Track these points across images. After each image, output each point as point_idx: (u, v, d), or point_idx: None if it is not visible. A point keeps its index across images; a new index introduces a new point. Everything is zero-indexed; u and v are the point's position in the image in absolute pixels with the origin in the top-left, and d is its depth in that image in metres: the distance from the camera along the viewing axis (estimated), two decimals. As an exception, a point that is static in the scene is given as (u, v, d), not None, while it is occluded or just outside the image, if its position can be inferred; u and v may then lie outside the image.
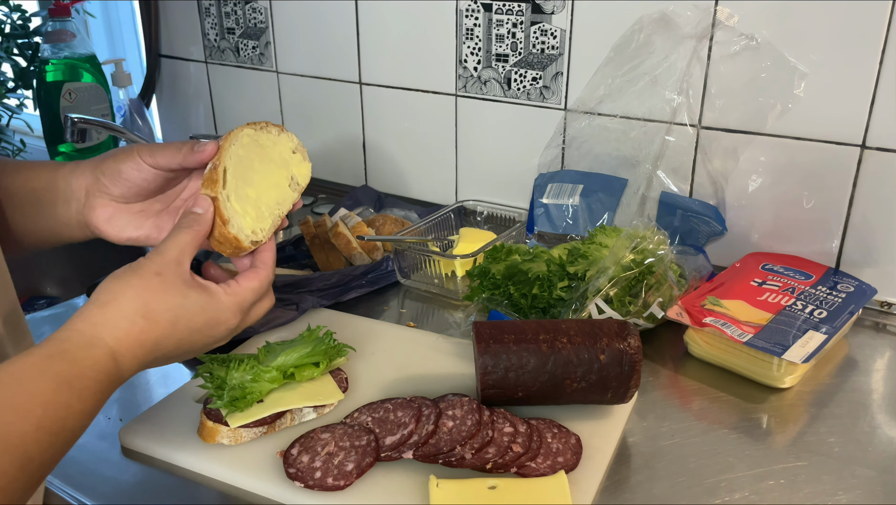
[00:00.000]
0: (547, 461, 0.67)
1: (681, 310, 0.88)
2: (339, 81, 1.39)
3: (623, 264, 0.87)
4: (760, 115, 1.01)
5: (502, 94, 1.22)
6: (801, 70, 0.97)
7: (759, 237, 1.06)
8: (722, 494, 0.68)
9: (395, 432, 0.69)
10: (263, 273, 0.67)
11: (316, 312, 0.97)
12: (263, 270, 0.68)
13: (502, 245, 0.97)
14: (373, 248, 1.11)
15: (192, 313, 0.61)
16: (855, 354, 0.91)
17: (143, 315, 0.59)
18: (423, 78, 1.29)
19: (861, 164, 0.97)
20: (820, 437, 0.76)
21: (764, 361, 0.83)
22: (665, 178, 1.08)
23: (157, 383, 0.87)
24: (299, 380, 0.75)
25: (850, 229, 1.00)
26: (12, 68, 1.60)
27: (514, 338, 0.73)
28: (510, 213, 1.23)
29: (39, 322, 1.00)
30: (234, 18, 1.47)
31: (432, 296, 1.06)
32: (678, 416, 0.79)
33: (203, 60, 1.57)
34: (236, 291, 0.65)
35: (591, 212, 1.09)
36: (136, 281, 0.60)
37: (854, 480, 0.70)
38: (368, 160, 1.42)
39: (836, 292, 0.92)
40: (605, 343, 0.72)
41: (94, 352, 0.56)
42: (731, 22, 1.00)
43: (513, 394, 0.73)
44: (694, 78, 1.04)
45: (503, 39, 1.18)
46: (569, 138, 1.16)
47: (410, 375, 0.83)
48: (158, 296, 0.60)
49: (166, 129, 1.72)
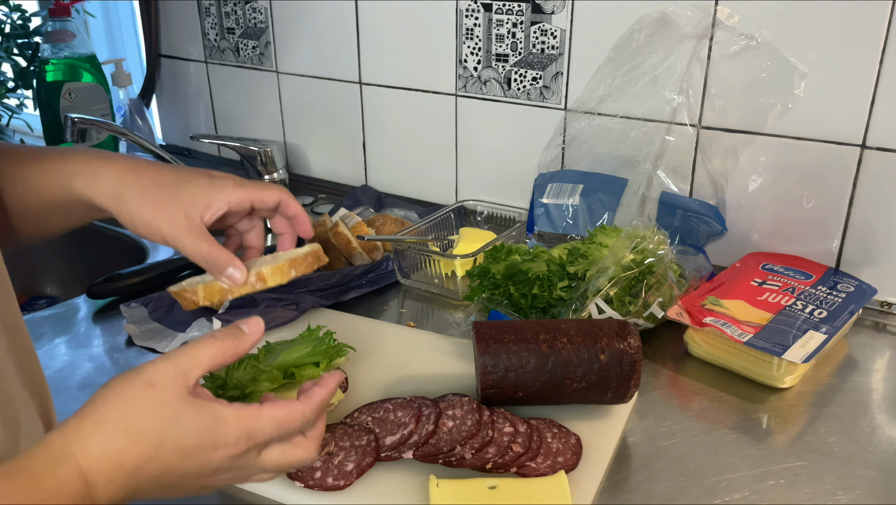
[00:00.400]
0: (547, 461, 0.67)
1: (681, 310, 0.88)
2: (339, 81, 1.39)
3: (623, 264, 0.87)
4: (760, 115, 1.01)
5: (502, 94, 1.22)
6: (801, 70, 0.97)
7: (759, 237, 1.06)
8: (722, 494, 0.68)
9: (395, 432, 0.69)
10: (299, 408, 0.54)
11: (316, 311, 0.97)
12: (301, 404, 0.55)
13: (502, 245, 0.97)
14: (373, 248, 1.11)
15: (184, 434, 0.50)
16: (855, 354, 0.91)
17: (124, 431, 0.48)
18: (423, 78, 1.29)
19: (861, 164, 0.97)
20: (820, 437, 0.76)
21: (764, 360, 0.83)
22: (665, 178, 1.08)
23: (157, 383, 0.87)
24: (299, 380, 0.75)
25: (850, 229, 1.00)
26: (12, 68, 1.60)
27: (514, 338, 0.73)
28: (510, 213, 1.23)
29: (39, 322, 1.00)
30: (234, 18, 1.47)
31: (432, 296, 1.06)
32: (678, 416, 0.79)
33: (203, 60, 1.57)
34: (250, 416, 0.52)
35: (591, 212, 1.09)
36: (123, 390, 0.50)
37: (854, 480, 0.70)
38: (368, 160, 1.42)
39: (836, 292, 0.92)
40: (605, 343, 0.72)
41: (61, 471, 0.46)
42: (731, 22, 1.00)
43: (513, 394, 0.73)
44: (694, 78, 1.04)
45: (503, 39, 1.18)
46: (569, 138, 1.16)
47: (410, 375, 0.83)
48: (145, 411, 0.49)
49: (166, 130, 1.73)
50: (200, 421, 0.50)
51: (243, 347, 0.55)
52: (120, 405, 0.49)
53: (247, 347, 0.55)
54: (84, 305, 1.04)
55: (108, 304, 1.04)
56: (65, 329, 0.98)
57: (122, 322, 0.96)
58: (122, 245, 1.27)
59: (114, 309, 1.02)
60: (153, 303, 0.99)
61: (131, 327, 0.95)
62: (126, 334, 0.95)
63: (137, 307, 0.98)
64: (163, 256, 1.17)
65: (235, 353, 0.54)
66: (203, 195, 0.68)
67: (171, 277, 1.09)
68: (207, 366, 0.53)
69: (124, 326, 0.95)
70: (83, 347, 0.94)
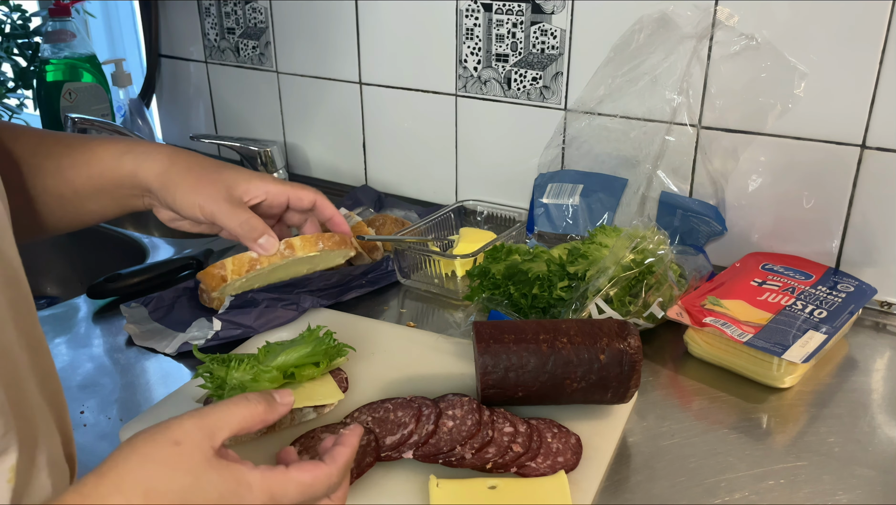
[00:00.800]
0: (547, 461, 0.67)
1: (681, 310, 0.88)
2: (339, 81, 1.39)
3: (623, 264, 0.87)
4: (760, 115, 1.01)
5: (502, 94, 1.22)
6: (801, 70, 0.97)
7: (759, 237, 1.06)
8: (722, 494, 0.68)
9: (395, 432, 0.69)
10: (325, 471, 0.52)
11: (316, 311, 0.97)
12: (326, 467, 0.53)
13: (502, 245, 0.97)
14: (373, 248, 1.11)
15: (206, 499, 0.48)
16: (855, 354, 0.91)
17: (144, 493, 0.46)
18: (423, 78, 1.29)
19: (861, 164, 0.97)
20: (820, 437, 0.76)
21: (764, 360, 0.83)
22: (665, 178, 1.08)
23: (157, 383, 0.87)
24: (299, 380, 0.75)
25: (850, 229, 1.00)
26: (12, 68, 1.60)
27: (514, 338, 0.73)
28: (510, 213, 1.23)
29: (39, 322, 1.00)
30: (234, 18, 1.47)
31: (432, 296, 1.06)
32: (678, 416, 0.79)
33: (203, 60, 1.57)
34: (275, 480, 0.50)
35: (591, 212, 1.09)
36: (147, 449, 0.48)
37: (854, 480, 0.70)
38: (368, 160, 1.42)
39: (836, 292, 0.92)
40: (605, 343, 0.72)
41: None
42: (731, 22, 1.00)
43: (513, 394, 0.73)
44: (694, 78, 1.04)
45: (503, 39, 1.18)
46: (569, 138, 1.16)
47: (410, 375, 0.83)
48: (167, 472, 0.47)
49: (166, 130, 1.73)
50: (224, 484, 0.48)
51: (273, 416, 0.54)
52: (141, 464, 0.47)
53: (276, 417, 0.54)
54: (84, 305, 1.04)
55: (108, 304, 1.04)
56: (65, 329, 0.98)
57: (122, 322, 0.96)
58: (122, 245, 1.27)
59: (114, 309, 1.02)
60: (153, 303, 0.99)
61: (131, 327, 0.95)
62: (126, 334, 0.95)
63: (137, 307, 0.98)
64: (163, 256, 1.17)
65: (265, 419, 0.53)
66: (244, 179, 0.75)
67: (171, 277, 1.09)
68: (236, 428, 0.51)
69: (124, 326, 0.95)
70: (83, 347, 0.94)
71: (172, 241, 1.24)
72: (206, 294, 0.99)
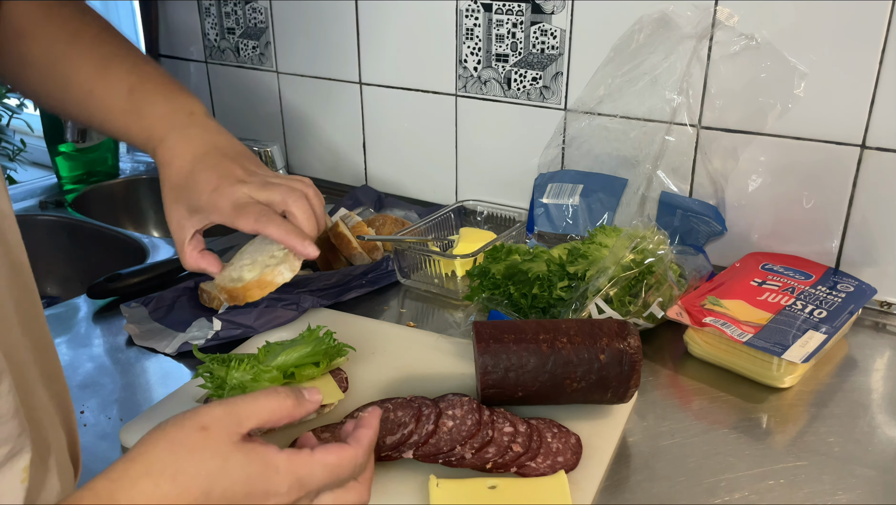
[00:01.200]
0: (547, 461, 0.67)
1: (681, 310, 0.88)
2: (339, 81, 1.39)
3: (623, 264, 0.87)
4: (760, 115, 1.01)
5: (502, 94, 1.22)
6: (801, 70, 0.97)
7: (759, 237, 1.06)
8: (722, 494, 0.68)
9: (395, 432, 0.69)
10: (350, 452, 0.53)
11: (316, 311, 0.97)
12: (352, 449, 0.53)
13: (502, 245, 0.97)
14: (373, 248, 1.11)
15: (233, 482, 0.48)
16: (855, 353, 0.91)
17: (172, 477, 0.46)
18: (423, 78, 1.29)
19: (861, 164, 0.97)
20: (820, 437, 0.76)
21: (764, 360, 0.83)
22: (665, 178, 1.08)
23: (157, 383, 0.87)
24: (299, 380, 0.75)
25: (850, 229, 1.00)
26: (12, 68, 1.60)
27: (514, 338, 0.73)
28: (510, 213, 1.23)
29: (39, 322, 1.00)
30: (234, 18, 1.47)
31: (432, 296, 1.06)
32: (678, 416, 0.79)
33: (203, 60, 1.57)
34: (302, 462, 0.50)
35: (591, 212, 1.09)
36: (176, 433, 0.48)
37: (854, 480, 0.70)
38: (368, 160, 1.42)
39: (835, 292, 0.92)
40: (605, 343, 0.72)
41: None
42: (731, 22, 1.00)
43: (513, 394, 0.73)
44: (694, 78, 1.04)
45: (503, 39, 1.18)
46: (569, 138, 1.16)
47: (410, 375, 0.83)
48: (194, 456, 0.48)
49: (166, 129, 1.72)
50: (251, 467, 0.49)
51: (301, 411, 0.53)
52: (170, 448, 0.48)
53: (303, 413, 0.54)
54: (84, 305, 1.04)
55: (108, 304, 1.04)
56: (65, 329, 0.98)
57: (122, 322, 0.96)
58: (122, 245, 1.27)
59: (114, 309, 1.02)
60: (153, 303, 0.99)
61: (131, 327, 0.95)
62: (126, 334, 0.95)
63: (137, 307, 0.98)
64: (163, 256, 1.17)
65: (292, 414, 0.53)
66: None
67: (171, 277, 1.09)
68: (265, 419, 0.51)
69: (124, 326, 0.95)
70: (83, 346, 0.94)
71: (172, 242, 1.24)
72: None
